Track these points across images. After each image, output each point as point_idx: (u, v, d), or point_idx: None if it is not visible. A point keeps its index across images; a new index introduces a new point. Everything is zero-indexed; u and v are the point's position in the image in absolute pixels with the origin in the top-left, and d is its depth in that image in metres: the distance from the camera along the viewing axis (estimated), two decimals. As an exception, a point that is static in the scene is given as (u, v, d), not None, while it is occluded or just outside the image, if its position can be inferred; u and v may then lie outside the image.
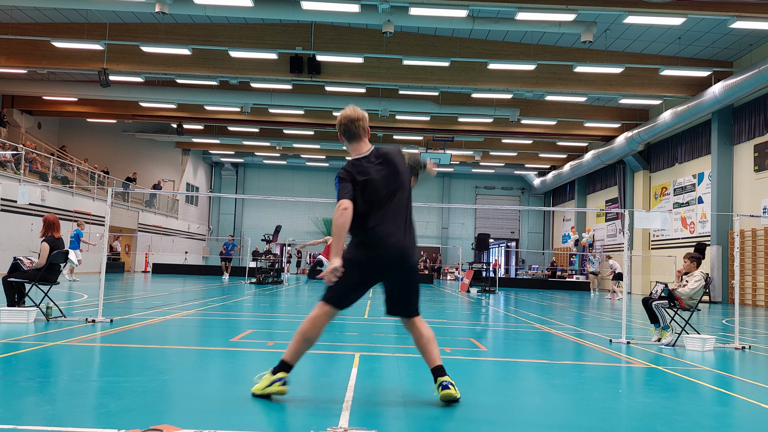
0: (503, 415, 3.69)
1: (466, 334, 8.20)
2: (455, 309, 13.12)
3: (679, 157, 24.90)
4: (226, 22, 19.93)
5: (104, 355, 5.37)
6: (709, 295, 20.47)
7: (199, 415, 3.34)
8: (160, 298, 12.40)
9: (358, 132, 3.97)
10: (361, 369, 5.00)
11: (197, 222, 40.46)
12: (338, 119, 4.01)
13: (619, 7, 15.52)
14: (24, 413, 3.24)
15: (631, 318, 11.75)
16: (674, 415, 3.83)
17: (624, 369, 5.78)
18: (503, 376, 5.13)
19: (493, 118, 26.33)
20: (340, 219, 3.69)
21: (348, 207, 3.73)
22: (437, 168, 4.60)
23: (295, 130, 30.33)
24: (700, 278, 7.48)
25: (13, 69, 22.15)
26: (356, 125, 3.96)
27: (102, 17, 19.58)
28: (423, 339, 3.97)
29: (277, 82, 22.73)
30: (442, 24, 16.85)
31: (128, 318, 8.26)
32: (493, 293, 21.12)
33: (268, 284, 21.20)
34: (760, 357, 6.98)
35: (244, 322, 8.84)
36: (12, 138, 25.53)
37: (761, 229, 19.79)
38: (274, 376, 3.78)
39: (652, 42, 19.75)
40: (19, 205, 20.03)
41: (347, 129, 3.98)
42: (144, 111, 27.52)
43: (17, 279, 7.58)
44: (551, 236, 41.59)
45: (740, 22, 15.88)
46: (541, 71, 21.10)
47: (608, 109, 26.29)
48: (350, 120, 3.95)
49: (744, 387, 5.07)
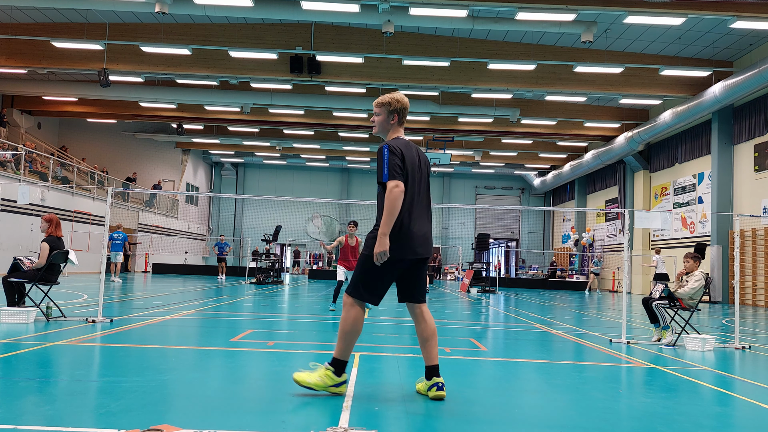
0: (503, 415, 3.69)
1: (467, 334, 8.20)
2: (455, 309, 13.12)
3: (679, 157, 24.90)
4: (226, 22, 19.94)
5: (104, 355, 5.37)
6: (709, 295, 20.47)
7: (199, 415, 3.34)
8: (160, 298, 12.40)
9: (405, 119, 4.09)
10: (361, 369, 4.99)
11: (197, 222, 40.46)
12: (400, 100, 4.03)
13: (619, 7, 15.52)
14: (24, 413, 3.24)
15: (631, 318, 11.75)
16: (674, 415, 3.82)
17: (624, 369, 5.78)
18: (503, 376, 5.12)
19: (493, 118, 26.34)
20: (397, 199, 3.71)
21: (402, 188, 3.76)
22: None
23: (295, 130, 30.34)
24: (700, 278, 7.48)
25: (13, 69, 22.16)
26: (407, 112, 4.10)
27: (102, 17, 19.58)
28: (427, 332, 4.02)
29: (277, 82, 22.74)
30: (442, 24, 16.85)
31: (128, 318, 8.26)
32: (493, 293, 21.12)
33: (268, 284, 21.20)
34: (760, 357, 6.98)
35: (244, 322, 8.83)
36: (12, 138, 25.54)
37: (761, 229, 19.79)
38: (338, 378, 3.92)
39: (652, 42, 19.75)
40: (19, 205, 20.03)
41: (405, 112, 4.06)
42: (144, 111, 27.53)
43: (17, 279, 7.57)
44: (551, 236, 41.59)
45: (740, 22, 15.88)
46: (541, 71, 21.10)
47: (608, 109, 26.29)
48: (407, 106, 4.08)
49: (744, 387, 5.06)
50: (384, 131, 4.10)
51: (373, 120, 4.15)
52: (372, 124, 4.17)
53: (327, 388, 3.89)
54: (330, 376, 3.90)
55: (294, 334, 7.51)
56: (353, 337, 3.88)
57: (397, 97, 4.02)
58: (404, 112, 4.05)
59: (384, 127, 4.09)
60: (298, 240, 40.61)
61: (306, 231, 19.92)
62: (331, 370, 3.88)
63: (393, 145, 3.86)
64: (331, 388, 3.90)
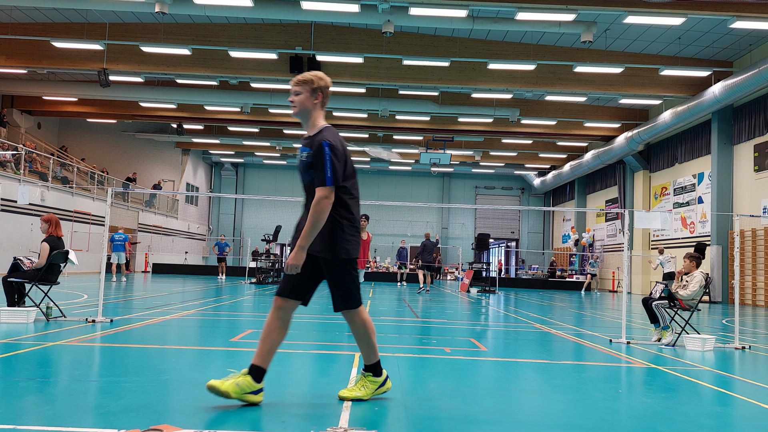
0: (503, 415, 3.69)
1: (466, 334, 8.20)
2: (455, 309, 13.12)
3: (679, 157, 24.90)
4: (225, 22, 19.93)
5: (104, 355, 5.37)
6: (709, 295, 20.47)
7: (199, 415, 3.34)
8: (159, 298, 12.40)
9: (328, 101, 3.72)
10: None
11: (197, 222, 40.46)
12: (323, 78, 3.64)
13: (619, 7, 15.52)
14: (24, 413, 3.24)
15: (631, 318, 11.75)
16: (674, 415, 3.82)
17: (624, 369, 5.78)
18: (503, 376, 5.12)
19: (493, 118, 26.33)
20: (324, 212, 3.42)
21: (333, 199, 3.46)
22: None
23: (295, 130, 30.33)
24: (701, 279, 7.47)
25: (13, 69, 22.15)
26: (330, 93, 3.73)
27: (102, 17, 19.58)
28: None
29: (277, 82, 22.73)
30: (442, 24, 16.85)
31: (128, 318, 8.26)
32: (493, 293, 21.12)
33: (268, 284, 21.20)
34: (760, 357, 6.98)
35: (244, 322, 8.83)
36: (12, 138, 25.53)
37: (761, 229, 19.79)
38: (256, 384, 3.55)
39: (652, 42, 19.75)
40: (19, 205, 20.03)
41: (328, 92, 3.69)
42: (144, 111, 27.53)
43: (17, 279, 7.57)
44: (551, 236, 41.59)
45: (740, 22, 15.88)
46: (541, 71, 21.10)
47: (608, 109, 26.29)
48: (330, 85, 3.71)
49: (744, 387, 5.07)
50: (305, 113, 3.65)
51: (291, 100, 3.66)
52: (290, 104, 3.67)
53: (242, 395, 3.51)
54: (249, 382, 3.52)
55: (294, 334, 7.51)
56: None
57: (319, 74, 3.63)
58: (328, 92, 3.66)
59: (306, 109, 3.63)
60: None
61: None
62: (250, 377, 3.50)
63: (334, 143, 3.50)
64: (247, 396, 3.52)
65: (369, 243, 10.66)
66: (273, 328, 3.60)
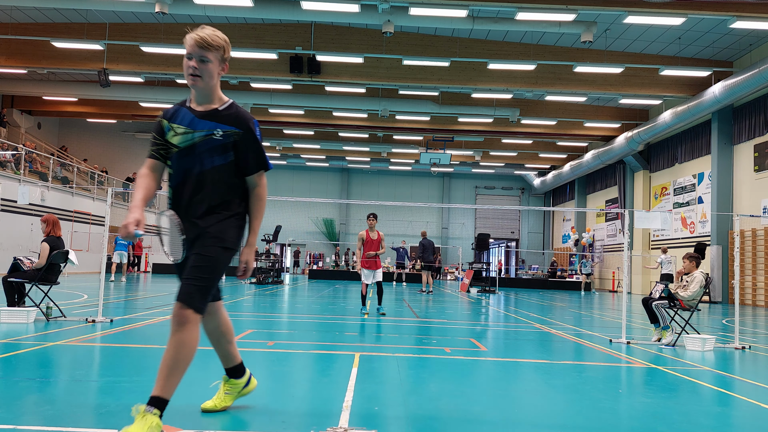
0: (503, 415, 3.69)
1: (466, 334, 8.20)
2: (455, 309, 13.12)
3: (679, 157, 24.90)
4: (226, 22, 19.93)
5: (104, 355, 5.37)
6: (709, 295, 20.47)
7: (199, 416, 3.34)
8: (160, 298, 12.40)
9: None
10: (361, 369, 4.99)
11: (197, 222, 40.43)
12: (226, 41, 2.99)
13: (619, 7, 15.52)
14: (24, 413, 3.24)
15: (631, 318, 11.75)
16: (674, 415, 3.82)
17: (624, 369, 5.78)
18: (503, 376, 5.12)
19: (493, 118, 26.33)
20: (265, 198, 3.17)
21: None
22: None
23: (295, 130, 30.34)
24: (701, 280, 7.47)
25: (13, 69, 22.15)
26: None
27: (102, 17, 19.58)
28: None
29: (277, 82, 22.73)
30: (442, 24, 16.85)
31: (128, 318, 8.26)
32: (493, 293, 21.12)
33: (268, 284, 21.20)
34: (760, 357, 6.98)
35: (244, 322, 8.83)
36: (12, 138, 25.54)
37: (761, 229, 19.79)
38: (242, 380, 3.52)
39: (652, 42, 19.75)
40: (19, 205, 20.03)
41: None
42: (144, 111, 27.53)
43: (17, 279, 7.57)
44: (551, 236, 41.59)
45: (740, 22, 15.88)
46: (541, 71, 21.10)
47: (608, 109, 26.29)
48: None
49: (744, 387, 5.06)
50: (210, 86, 2.99)
51: (192, 66, 2.92)
52: (192, 71, 2.93)
53: (238, 395, 3.53)
54: (234, 383, 3.49)
55: (294, 334, 7.51)
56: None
57: (227, 39, 3.01)
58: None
59: (212, 80, 2.98)
60: (298, 240, 40.61)
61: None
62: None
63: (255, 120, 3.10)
64: (243, 393, 3.53)
65: (379, 242, 10.31)
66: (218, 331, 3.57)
